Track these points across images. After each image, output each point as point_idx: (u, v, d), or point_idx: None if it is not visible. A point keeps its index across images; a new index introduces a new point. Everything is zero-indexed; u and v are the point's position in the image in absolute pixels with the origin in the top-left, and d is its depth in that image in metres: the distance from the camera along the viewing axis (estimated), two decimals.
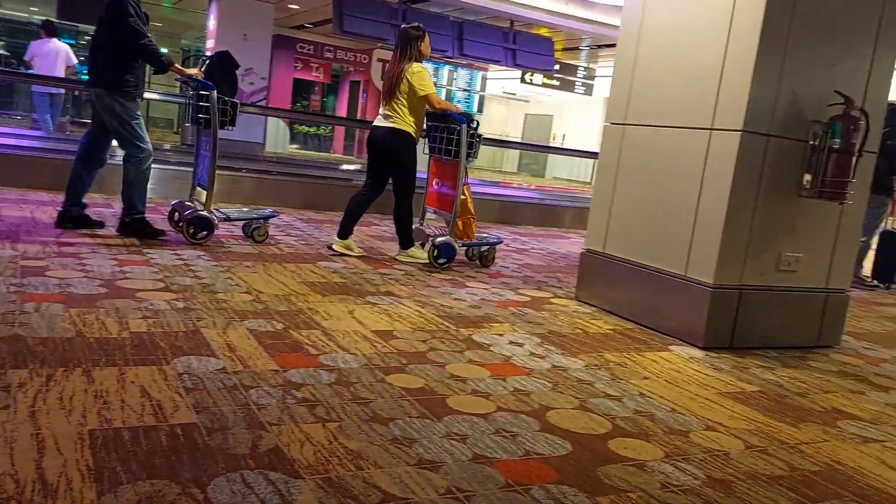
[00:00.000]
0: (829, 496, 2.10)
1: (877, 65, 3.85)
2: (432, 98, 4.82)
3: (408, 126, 4.81)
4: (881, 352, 4.11)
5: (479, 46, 13.13)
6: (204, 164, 4.95)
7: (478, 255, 5.40)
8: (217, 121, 4.76)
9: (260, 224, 5.16)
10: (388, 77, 4.89)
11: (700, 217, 3.72)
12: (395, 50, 4.91)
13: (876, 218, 6.46)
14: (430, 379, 2.69)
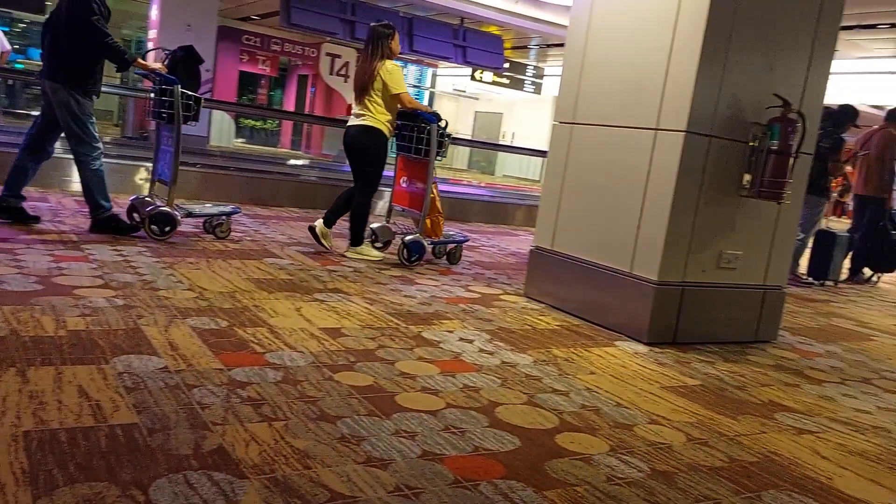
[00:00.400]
0: (766, 486, 2.17)
1: (813, 70, 3.99)
2: (404, 97, 4.86)
3: (380, 123, 4.83)
4: (815, 346, 4.26)
5: (429, 43, 13.13)
6: (165, 160, 4.91)
7: (445, 253, 5.44)
8: (181, 116, 4.72)
9: (222, 220, 5.14)
10: (360, 75, 4.90)
11: (645, 215, 3.79)
12: (366, 48, 4.91)
13: (813, 217, 6.70)
14: (378, 376, 2.67)
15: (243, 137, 21.60)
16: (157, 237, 4.70)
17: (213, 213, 5.18)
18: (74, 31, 4.39)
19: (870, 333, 4.87)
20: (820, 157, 6.25)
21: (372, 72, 4.80)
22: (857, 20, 9.38)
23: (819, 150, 6.30)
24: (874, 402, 3.23)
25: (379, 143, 4.88)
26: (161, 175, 5.01)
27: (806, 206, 6.40)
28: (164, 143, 4.98)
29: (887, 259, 7.35)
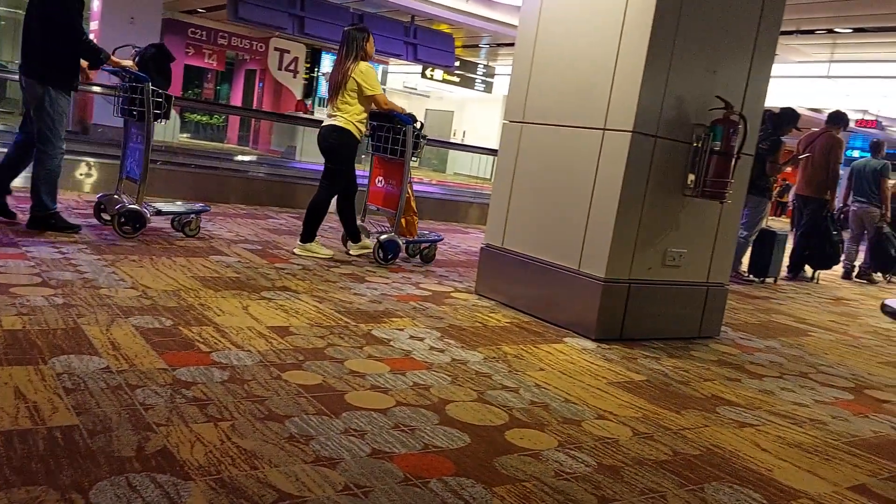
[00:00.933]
0: (709, 478, 2.23)
1: (754, 73, 4.10)
2: (379, 98, 4.91)
3: (348, 124, 4.86)
4: (756, 342, 4.39)
5: (380, 40, 13.02)
6: (134, 157, 4.91)
7: (419, 252, 5.50)
8: (151, 113, 4.70)
9: (191, 218, 5.12)
10: (333, 76, 4.93)
11: (593, 214, 3.85)
12: (340, 50, 4.94)
13: (756, 216, 6.91)
14: (328, 375, 2.65)
15: (188, 132, 21.14)
16: (127, 235, 4.69)
17: (181, 211, 5.16)
18: (48, 26, 4.35)
19: (807, 329, 5.04)
20: (759, 158, 6.48)
21: (345, 73, 4.83)
22: (795, 25, 9.69)
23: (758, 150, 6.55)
24: (811, 396, 3.34)
25: (347, 143, 4.89)
26: (129, 172, 4.99)
27: (748, 205, 6.70)
28: (132, 140, 4.96)
29: (827, 257, 7.64)
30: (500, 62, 18.65)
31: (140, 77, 4.68)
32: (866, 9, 8.73)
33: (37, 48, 4.38)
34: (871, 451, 2.68)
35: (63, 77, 4.45)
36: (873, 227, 8.42)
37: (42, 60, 4.39)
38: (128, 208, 4.71)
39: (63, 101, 4.47)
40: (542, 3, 4.25)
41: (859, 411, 3.20)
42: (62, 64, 4.44)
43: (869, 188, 8.38)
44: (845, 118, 7.81)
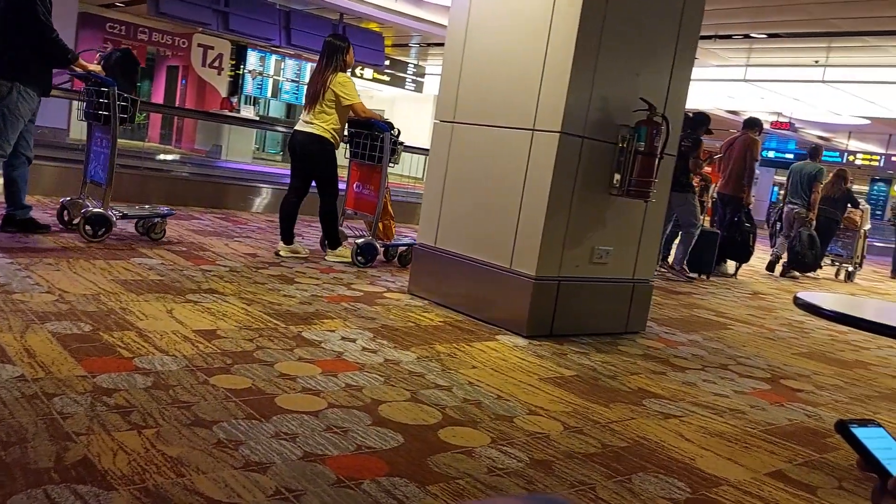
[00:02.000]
0: (636, 469, 2.29)
1: (675, 76, 4.24)
2: (358, 107, 5.06)
3: (326, 132, 4.99)
4: (679, 336, 4.54)
5: (308, 37, 12.88)
6: (99, 161, 4.93)
7: (396, 255, 5.62)
8: (117, 117, 4.71)
9: (156, 222, 5.14)
10: (312, 84, 5.07)
11: (523, 213, 3.90)
12: (320, 59, 5.07)
13: (690, 211, 7.17)
14: (257, 379, 2.60)
15: None
16: (92, 239, 4.68)
17: (146, 214, 5.19)
18: (18, 25, 4.31)
19: (727, 323, 5.24)
20: (682, 156, 6.79)
21: (324, 82, 4.95)
22: (714, 30, 10.06)
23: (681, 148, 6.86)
24: (731, 387, 3.48)
25: (328, 151, 5.05)
26: (94, 176, 5.00)
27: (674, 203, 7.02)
28: (96, 144, 4.98)
29: (738, 247, 8.03)
30: (431, 62, 18.69)
31: (106, 81, 4.68)
32: (780, 15, 9.14)
33: (8, 50, 4.33)
34: (786, 438, 2.81)
35: (34, 78, 4.43)
36: (798, 229, 8.91)
37: (12, 60, 4.34)
38: (93, 212, 4.70)
39: (26, 104, 4.41)
40: (471, 5, 4.28)
41: (775, 401, 3.34)
42: (31, 63, 4.40)
43: (804, 191, 8.84)
44: (760, 123, 8.26)
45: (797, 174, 9.02)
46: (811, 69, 11.64)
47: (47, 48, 4.44)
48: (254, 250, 5.34)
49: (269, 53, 17.40)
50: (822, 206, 9.20)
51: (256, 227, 6.72)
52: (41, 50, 4.41)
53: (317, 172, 5.14)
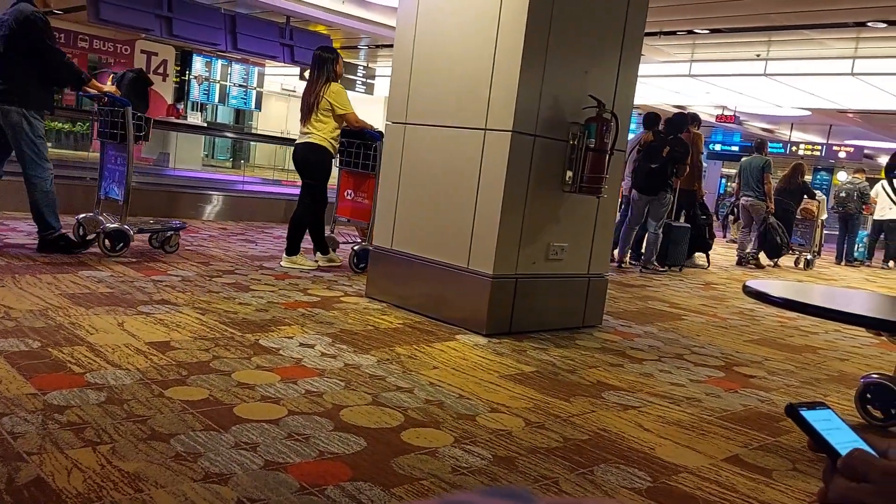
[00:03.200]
0: (598, 461, 2.32)
1: (623, 73, 4.31)
2: (350, 117, 5.18)
3: (324, 141, 5.13)
4: (635, 328, 4.61)
5: (254, 41, 12.71)
6: (114, 178, 5.10)
7: None
8: (132, 136, 4.88)
9: (170, 235, 5.30)
10: (306, 97, 5.19)
11: (479, 212, 3.92)
12: (312, 72, 5.23)
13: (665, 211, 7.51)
14: (214, 389, 2.55)
15: (49, 141, 19.77)
16: (110, 253, 4.82)
17: (160, 228, 5.38)
18: (23, 51, 4.43)
19: (680, 313, 5.35)
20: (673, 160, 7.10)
21: (318, 94, 5.10)
22: (658, 27, 10.24)
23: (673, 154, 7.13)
24: (687, 376, 3.55)
25: (324, 160, 5.18)
26: (109, 193, 5.15)
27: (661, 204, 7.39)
28: (110, 162, 5.14)
29: (693, 238, 8.31)
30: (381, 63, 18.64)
31: (121, 101, 4.85)
32: (721, 11, 9.36)
33: (10, 75, 4.45)
34: (741, 423, 2.88)
35: (38, 100, 4.55)
36: (760, 219, 9.30)
37: (18, 87, 4.47)
38: (112, 228, 4.86)
39: (40, 123, 4.57)
40: (419, 6, 4.28)
41: (730, 387, 3.42)
42: (37, 87, 4.53)
43: (755, 184, 9.24)
44: (697, 117, 8.64)
45: (746, 168, 9.43)
46: (753, 63, 11.95)
47: (62, 73, 4.62)
48: (207, 259, 5.25)
49: (215, 58, 17.13)
50: (779, 198, 9.66)
51: (208, 235, 6.61)
52: (46, 74, 4.55)
53: (310, 179, 5.27)
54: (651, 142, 7.44)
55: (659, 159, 7.23)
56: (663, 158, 7.21)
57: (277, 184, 13.42)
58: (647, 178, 7.33)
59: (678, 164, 7.34)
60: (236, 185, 10.57)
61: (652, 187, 7.34)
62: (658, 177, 7.27)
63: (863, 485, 0.63)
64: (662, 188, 7.35)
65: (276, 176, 17.18)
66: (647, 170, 7.32)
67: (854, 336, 5.11)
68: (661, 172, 7.24)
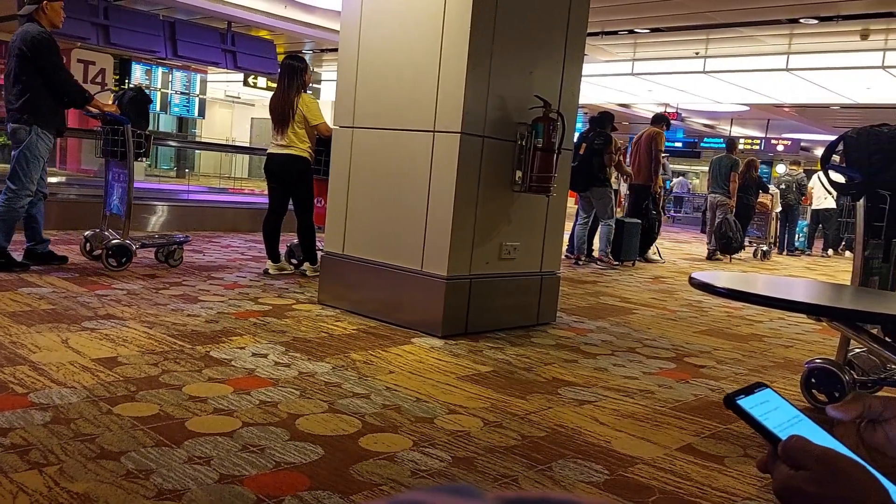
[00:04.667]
0: (555, 457, 2.34)
1: (567, 73, 4.36)
2: (322, 127, 5.18)
3: (305, 152, 5.20)
4: (588, 324, 4.67)
5: (195, 47, 12.48)
6: (116, 194, 5.23)
7: None
8: (133, 153, 5.01)
9: (174, 249, 5.41)
10: (278, 106, 5.20)
11: (430, 214, 3.92)
12: (281, 81, 5.24)
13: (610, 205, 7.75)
14: (165, 403, 2.49)
15: None
16: (114, 269, 4.90)
17: (164, 243, 5.48)
18: (33, 71, 4.53)
19: (632, 308, 5.44)
20: (598, 154, 7.28)
21: (292, 104, 5.13)
22: (600, 27, 10.41)
23: (595, 147, 7.35)
24: (639, 369, 3.61)
25: (307, 170, 5.25)
26: (114, 209, 5.25)
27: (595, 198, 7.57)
28: (114, 178, 5.26)
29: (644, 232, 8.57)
30: (326, 67, 18.49)
31: (121, 119, 4.97)
32: (660, 10, 9.56)
33: (25, 96, 4.54)
34: (693, 413, 2.94)
35: (48, 119, 4.62)
36: (722, 215, 9.72)
37: (28, 104, 4.54)
38: (114, 243, 4.95)
39: (44, 144, 4.63)
40: (363, 9, 4.26)
41: (681, 378, 3.50)
42: (45, 106, 4.60)
43: (723, 181, 9.69)
44: (667, 119, 9.03)
45: (716, 166, 9.92)
46: (693, 60, 12.25)
47: (66, 91, 4.71)
48: (153, 271, 5.13)
49: (155, 66, 16.75)
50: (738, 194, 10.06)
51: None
52: (56, 93, 4.64)
53: (297, 191, 5.30)
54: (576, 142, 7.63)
55: (577, 157, 7.39)
56: (580, 156, 7.39)
57: (224, 192, 13.21)
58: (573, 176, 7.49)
59: (600, 156, 7.50)
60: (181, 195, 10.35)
61: (579, 184, 7.53)
62: (581, 173, 7.39)
63: (800, 472, 0.64)
64: (592, 184, 7.55)
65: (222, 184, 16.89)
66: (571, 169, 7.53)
67: (797, 323, 5.28)
68: (583, 169, 7.41)
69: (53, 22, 4.72)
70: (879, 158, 3.17)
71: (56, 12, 4.71)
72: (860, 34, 9.53)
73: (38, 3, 4.61)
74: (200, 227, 8.18)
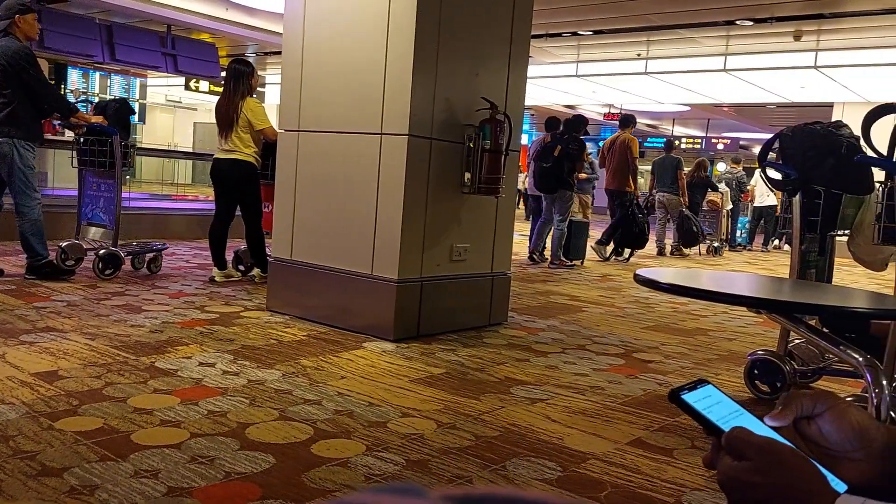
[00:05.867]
0: (509, 455, 2.35)
1: (513, 74, 4.40)
2: (268, 132, 5.10)
3: (250, 157, 5.14)
4: (539, 322, 4.72)
5: (134, 51, 12.16)
6: (97, 204, 5.35)
7: None
8: (120, 163, 5.12)
9: (154, 256, 5.54)
10: (223, 111, 5.15)
11: (380, 217, 3.90)
12: (227, 85, 5.20)
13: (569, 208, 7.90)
14: (109, 417, 2.42)
15: None
16: (104, 277, 5.03)
17: (144, 250, 5.60)
18: (15, 85, 4.57)
19: (580, 305, 5.51)
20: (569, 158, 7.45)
21: (236, 109, 5.07)
22: (544, 29, 10.54)
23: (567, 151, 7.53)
24: (590, 365, 3.66)
25: (252, 175, 5.19)
26: (93, 218, 5.36)
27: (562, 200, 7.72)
28: (90, 189, 5.38)
29: (636, 237, 8.90)
30: (270, 71, 18.25)
31: (109, 131, 5.05)
32: (602, 13, 9.73)
33: (6, 108, 4.57)
34: (642, 407, 3.00)
35: (29, 130, 4.67)
36: (677, 212, 10.12)
37: (11, 120, 4.58)
38: (108, 251, 5.10)
39: (30, 154, 4.67)
40: (306, 11, 4.22)
41: (630, 373, 3.56)
42: (27, 118, 4.65)
43: (670, 180, 10.09)
44: (632, 119, 9.22)
45: (659, 166, 10.35)
46: (634, 62, 12.49)
47: (54, 105, 4.83)
48: (94, 281, 4.98)
49: (92, 71, 16.28)
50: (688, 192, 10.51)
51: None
52: (36, 106, 4.70)
53: (243, 197, 5.24)
54: (547, 143, 7.79)
55: (551, 159, 7.56)
56: (555, 158, 7.53)
57: (167, 199, 12.92)
58: (542, 177, 7.69)
59: (574, 161, 7.66)
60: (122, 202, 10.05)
61: (548, 186, 7.67)
62: (551, 176, 7.57)
63: (743, 462, 0.66)
64: (560, 186, 7.65)
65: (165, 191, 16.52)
66: (539, 170, 7.68)
67: (740, 317, 5.43)
68: (554, 171, 7.54)
69: (29, 34, 4.76)
70: (813, 155, 3.28)
71: (30, 24, 4.74)
72: (793, 35, 9.87)
73: (11, 18, 4.64)
74: (142, 235, 7.97)
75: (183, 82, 18.88)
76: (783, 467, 0.64)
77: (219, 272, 5.35)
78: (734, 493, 0.66)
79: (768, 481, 0.63)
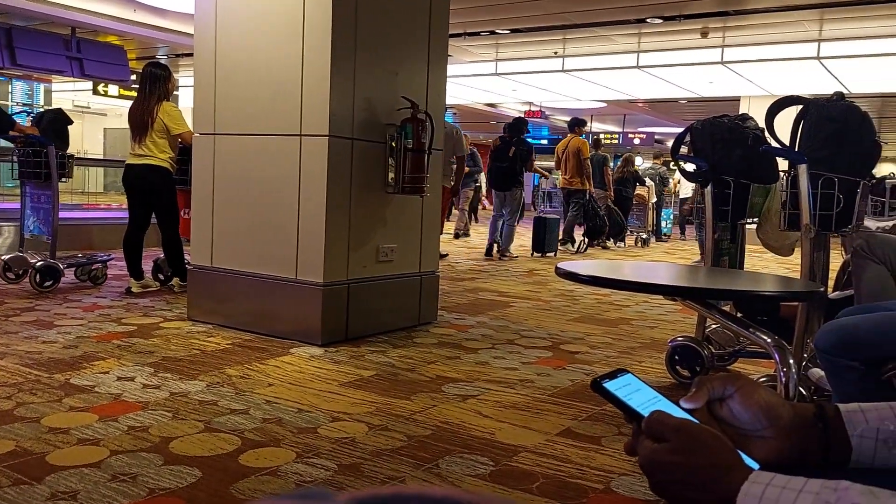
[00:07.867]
0: (442, 454, 2.35)
1: (432, 73, 4.40)
2: (186, 136, 4.91)
3: (164, 162, 4.99)
4: (468, 319, 4.74)
5: (36, 55, 11.58)
6: (38, 216, 5.32)
7: None
8: (56, 174, 5.08)
9: (98, 267, 5.43)
10: (137, 115, 4.99)
11: (303, 220, 3.84)
12: (141, 89, 5.02)
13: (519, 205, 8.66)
14: (22, 438, 2.30)
15: None
16: (42, 290, 4.94)
17: (87, 262, 5.48)
18: None
19: (508, 301, 5.58)
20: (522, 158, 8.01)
21: (151, 113, 4.92)
22: (462, 28, 10.60)
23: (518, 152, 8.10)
24: (519, 359, 3.71)
25: (167, 180, 5.04)
26: (34, 230, 5.34)
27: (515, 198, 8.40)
28: (32, 200, 5.33)
29: (597, 229, 9.94)
30: (183, 73, 17.71)
31: (43, 141, 5.00)
32: (519, 12, 9.86)
33: None
34: (570, 398, 3.06)
35: None
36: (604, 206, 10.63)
37: None
38: (46, 263, 4.99)
39: None
40: (217, 11, 4.11)
41: (558, 365, 3.62)
42: None
43: (599, 176, 10.64)
44: (583, 121, 10.15)
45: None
46: (552, 60, 12.72)
47: None
48: (1, 296, 4.72)
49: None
50: (617, 187, 11.16)
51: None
52: None
53: (157, 203, 5.10)
54: (499, 145, 8.49)
55: (507, 159, 8.26)
56: (510, 158, 8.24)
57: (78, 208, 12.37)
58: (499, 177, 8.44)
59: (525, 161, 8.36)
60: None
61: (504, 184, 8.44)
62: (507, 174, 8.33)
63: (662, 444, 0.68)
64: (514, 184, 8.41)
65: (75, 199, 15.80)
66: (496, 169, 8.43)
67: (661, 305, 5.61)
68: (510, 170, 8.30)
69: None
70: (722, 147, 3.42)
71: None
72: (701, 32, 10.25)
73: None
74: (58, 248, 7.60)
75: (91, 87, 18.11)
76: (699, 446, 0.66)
77: (135, 283, 5.15)
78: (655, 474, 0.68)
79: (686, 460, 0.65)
